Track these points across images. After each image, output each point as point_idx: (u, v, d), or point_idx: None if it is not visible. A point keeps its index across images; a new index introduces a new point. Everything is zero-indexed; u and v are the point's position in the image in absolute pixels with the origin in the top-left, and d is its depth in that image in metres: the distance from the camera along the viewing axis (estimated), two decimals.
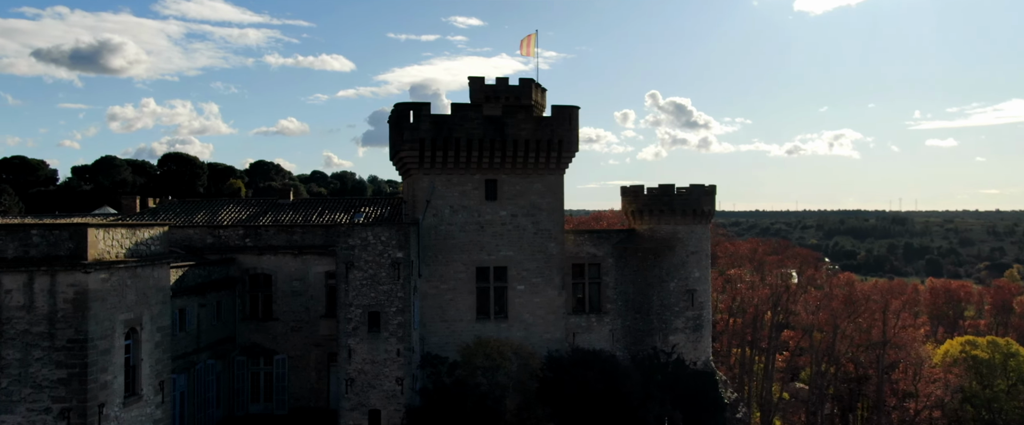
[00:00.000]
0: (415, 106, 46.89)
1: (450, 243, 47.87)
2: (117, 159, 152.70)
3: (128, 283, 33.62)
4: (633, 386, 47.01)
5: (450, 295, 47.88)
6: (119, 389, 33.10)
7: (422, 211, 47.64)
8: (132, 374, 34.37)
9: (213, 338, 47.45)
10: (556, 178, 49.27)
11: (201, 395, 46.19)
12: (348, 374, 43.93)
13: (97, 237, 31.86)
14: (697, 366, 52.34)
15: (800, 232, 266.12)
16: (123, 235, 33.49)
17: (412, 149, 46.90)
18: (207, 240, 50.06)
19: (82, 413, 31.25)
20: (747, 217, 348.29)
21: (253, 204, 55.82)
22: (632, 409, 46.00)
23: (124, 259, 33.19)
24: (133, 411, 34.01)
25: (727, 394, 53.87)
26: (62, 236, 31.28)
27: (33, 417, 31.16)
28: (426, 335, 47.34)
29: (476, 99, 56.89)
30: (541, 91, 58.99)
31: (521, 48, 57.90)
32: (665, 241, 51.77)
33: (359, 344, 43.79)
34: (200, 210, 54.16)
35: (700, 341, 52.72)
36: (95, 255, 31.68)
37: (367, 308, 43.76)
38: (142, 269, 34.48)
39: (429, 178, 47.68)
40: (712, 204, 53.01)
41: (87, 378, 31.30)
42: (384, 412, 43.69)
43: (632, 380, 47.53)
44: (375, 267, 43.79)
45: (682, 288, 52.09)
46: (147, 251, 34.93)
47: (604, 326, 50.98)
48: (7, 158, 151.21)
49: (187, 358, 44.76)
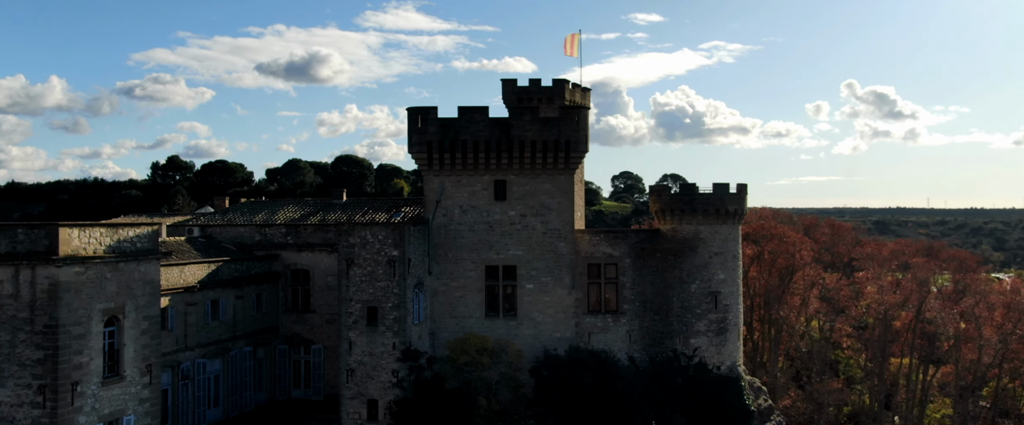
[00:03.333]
0: (422, 110, 48.96)
1: (460, 242, 49.53)
2: (301, 162, 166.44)
3: (108, 276, 38.21)
4: (630, 389, 46.53)
5: (460, 292, 49.56)
6: (97, 370, 37.71)
7: (432, 211, 49.64)
8: (116, 357, 39.01)
9: (252, 327, 51.99)
10: (566, 178, 49.60)
11: (237, 379, 50.82)
12: (349, 365, 46.85)
13: (71, 235, 36.55)
14: (721, 371, 50.71)
15: (1021, 232, 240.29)
16: (102, 233, 38.12)
17: (421, 152, 49.04)
18: (255, 237, 54.81)
19: (55, 390, 36.05)
20: (957, 216, 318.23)
21: (309, 204, 60.18)
22: (626, 413, 45.58)
23: (101, 255, 37.79)
24: (114, 390, 38.61)
25: (758, 401, 51.73)
26: (40, 234, 36.24)
27: (19, 391, 36.34)
28: (437, 330, 49.32)
29: (509, 101, 57.87)
30: (582, 91, 58.93)
31: (565, 48, 58.41)
32: (687, 242, 50.57)
33: (359, 337, 46.58)
34: (263, 209, 59.20)
35: (724, 345, 51.00)
36: (69, 251, 36.37)
37: (366, 303, 46.45)
38: (125, 264, 39.01)
39: (439, 179, 49.60)
40: (739, 204, 51.10)
41: (59, 359, 36.02)
42: (381, 402, 46.20)
43: (630, 383, 47.04)
44: (373, 265, 46.37)
45: (705, 290, 50.65)
46: (131, 248, 39.43)
47: (620, 327, 50.63)
48: (213, 162, 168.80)
49: (221, 344, 49.54)
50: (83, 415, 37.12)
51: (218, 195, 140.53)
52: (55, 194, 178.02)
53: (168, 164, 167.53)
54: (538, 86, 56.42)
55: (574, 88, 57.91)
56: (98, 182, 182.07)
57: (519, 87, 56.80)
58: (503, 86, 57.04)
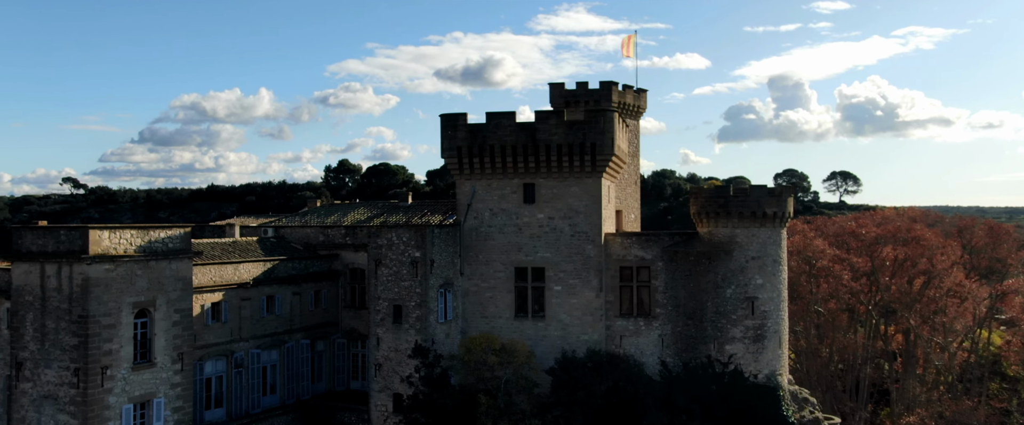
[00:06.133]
0: (453, 117, 50.62)
1: (490, 244, 50.78)
2: None
3: (138, 272, 42.77)
4: (644, 394, 45.98)
5: (490, 293, 50.81)
6: (127, 356, 42.36)
7: (464, 214, 51.20)
8: (148, 345, 43.52)
9: (310, 322, 55.74)
10: (593, 181, 49.63)
11: (294, 369, 54.69)
12: (377, 360, 49.37)
13: (101, 237, 41.29)
14: (758, 379, 48.89)
15: None
16: (133, 235, 42.71)
17: (452, 156, 50.73)
18: (319, 238, 58.63)
19: (86, 372, 40.90)
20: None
21: (377, 206, 63.41)
22: (637, 418, 45.14)
23: (131, 254, 42.33)
24: (145, 375, 43.18)
25: (801, 413, 49.41)
26: (75, 236, 41.21)
27: (60, 372, 41.53)
28: (467, 329, 50.84)
29: (556, 104, 58.11)
30: (635, 93, 58.04)
31: (622, 50, 58.19)
32: (721, 245, 49.15)
33: (386, 334, 48.99)
34: (336, 212, 63.04)
35: (762, 352, 49.11)
36: (99, 250, 41.12)
37: (392, 301, 48.80)
38: (155, 262, 43.47)
39: (470, 183, 51.07)
40: (780, 207, 48.98)
41: (89, 346, 40.85)
42: (405, 396, 48.35)
43: (646, 388, 46.44)
44: (398, 265, 48.64)
45: (740, 295, 49.00)
46: (162, 248, 43.84)
47: (653, 331, 49.98)
48: (376, 165, 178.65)
49: (277, 337, 53.56)
50: (113, 396, 41.81)
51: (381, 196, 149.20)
52: (245, 195, 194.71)
53: (338, 167, 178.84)
54: (585, 89, 56.54)
55: (625, 90, 57.49)
56: (281, 184, 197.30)
57: (566, 90, 57.11)
58: (550, 90, 57.59)
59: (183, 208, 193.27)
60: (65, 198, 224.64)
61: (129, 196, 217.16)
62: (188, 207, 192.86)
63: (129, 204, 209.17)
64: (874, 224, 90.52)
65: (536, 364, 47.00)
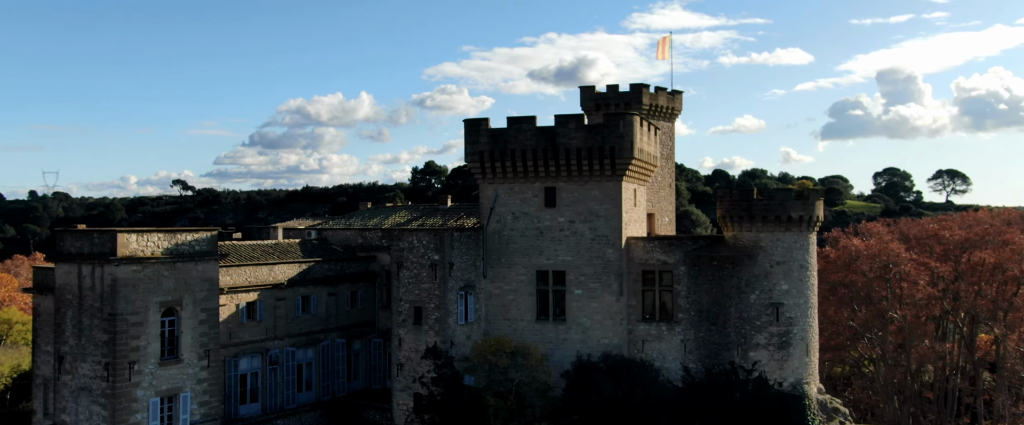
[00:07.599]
0: (475, 121, 51.23)
1: (512, 247, 51.15)
2: None
3: (165, 273, 45.04)
4: (657, 400, 45.48)
5: (512, 296, 51.19)
6: (154, 352, 44.68)
7: (487, 217, 51.74)
8: (175, 342, 45.78)
9: (347, 321, 57.39)
10: (613, 185, 49.37)
11: (329, 367, 56.42)
12: (399, 359, 50.46)
13: (128, 240, 43.70)
14: (783, 387, 47.66)
15: None
16: (161, 238, 45.00)
17: (474, 161, 51.35)
18: (358, 241, 60.22)
19: (115, 367, 43.37)
20: None
21: (416, 209, 64.55)
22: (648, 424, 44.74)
23: (158, 256, 44.63)
24: (172, 370, 45.44)
25: (829, 424, 47.86)
26: (105, 239, 43.74)
27: (94, 366, 44.18)
28: (490, 331, 51.35)
29: (586, 107, 57.71)
30: (669, 95, 56.99)
31: (658, 52, 57.64)
32: (745, 250, 48.12)
33: (407, 334, 50.03)
34: (379, 215, 64.56)
35: (788, 360, 47.82)
36: (126, 252, 43.53)
37: (413, 303, 49.79)
38: (182, 263, 45.67)
39: (493, 187, 51.57)
40: (807, 210, 47.60)
41: (117, 342, 43.31)
42: (423, 396, 49.23)
43: (659, 393, 45.90)
44: (418, 268, 49.59)
45: (765, 301, 47.86)
46: (189, 250, 46.02)
47: (675, 336, 49.36)
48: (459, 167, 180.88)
49: (312, 335, 55.40)
50: (141, 389, 44.21)
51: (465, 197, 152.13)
52: (337, 196, 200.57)
53: (425, 169, 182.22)
54: (616, 92, 56.15)
55: (657, 92, 56.80)
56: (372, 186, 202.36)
57: (597, 93, 56.84)
58: (581, 93, 57.41)
59: (280, 208, 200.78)
60: (175, 199, 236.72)
61: (231, 197, 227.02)
62: (284, 207, 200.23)
63: (231, 205, 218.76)
64: (960, 226, 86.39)
65: (550, 367, 47.12)
